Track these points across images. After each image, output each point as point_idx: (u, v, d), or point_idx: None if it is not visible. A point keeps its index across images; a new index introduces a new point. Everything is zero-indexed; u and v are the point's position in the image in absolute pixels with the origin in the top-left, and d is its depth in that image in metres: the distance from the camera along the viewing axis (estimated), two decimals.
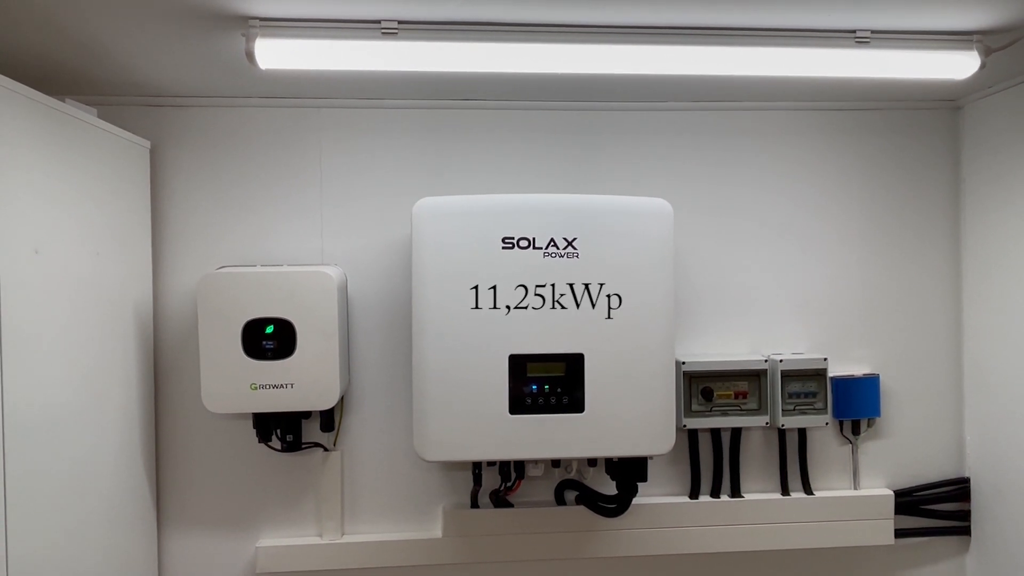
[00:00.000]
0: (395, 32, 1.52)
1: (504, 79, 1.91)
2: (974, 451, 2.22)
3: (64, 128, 1.61)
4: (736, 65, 1.69)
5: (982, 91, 2.10)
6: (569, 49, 1.59)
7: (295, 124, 2.08)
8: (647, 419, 1.81)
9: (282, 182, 2.08)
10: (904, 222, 2.23)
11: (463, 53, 1.60)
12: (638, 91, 2.07)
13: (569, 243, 1.79)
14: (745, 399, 2.09)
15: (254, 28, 1.49)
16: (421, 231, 1.77)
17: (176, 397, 2.05)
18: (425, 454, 1.79)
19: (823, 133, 2.21)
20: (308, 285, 1.83)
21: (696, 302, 2.17)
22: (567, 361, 1.79)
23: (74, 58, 1.72)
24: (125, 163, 1.89)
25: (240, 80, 1.89)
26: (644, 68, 1.68)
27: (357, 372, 2.09)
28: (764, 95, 2.13)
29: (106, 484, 1.77)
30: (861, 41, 1.63)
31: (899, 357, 2.23)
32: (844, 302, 2.22)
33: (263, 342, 1.80)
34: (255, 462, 2.07)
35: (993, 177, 2.10)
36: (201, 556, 2.07)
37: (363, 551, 2.05)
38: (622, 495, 2.06)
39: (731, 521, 2.13)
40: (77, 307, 1.65)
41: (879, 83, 2.00)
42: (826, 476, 2.22)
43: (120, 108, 1.98)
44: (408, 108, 2.09)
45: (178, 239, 2.06)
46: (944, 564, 2.27)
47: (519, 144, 2.13)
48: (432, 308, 1.76)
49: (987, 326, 2.14)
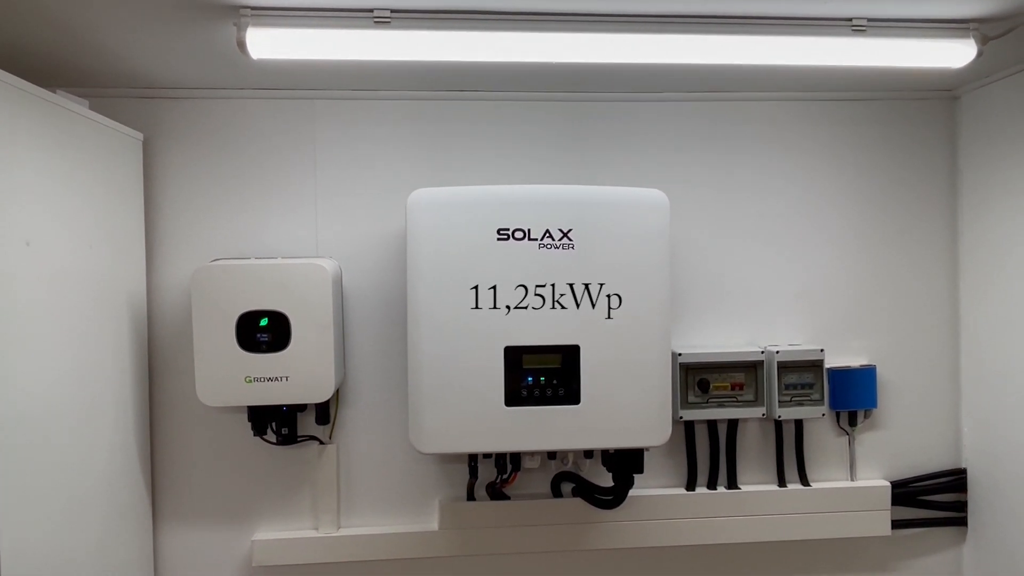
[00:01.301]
0: (388, 21, 1.50)
1: (499, 69, 1.90)
2: (971, 442, 2.22)
3: (55, 120, 1.60)
4: (732, 54, 1.68)
5: (979, 80, 2.09)
6: (564, 38, 1.58)
7: (288, 115, 2.06)
8: (643, 411, 1.81)
9: (276, 174, 2.07)
10: (901, 213, 2.23)
11: (457, 42, 1.58)
12: (634, 82, 2.06)
13: (564, 234, 1.78)
14: (741, 391, 2.09)
15: (245, 17, 1.48)
16: (416, 223, 1.76)
17: (170, 390, 2.05)
18: (421, 446, 1.78)
19: (819, 123, 2.20)
20: (302, 277, 1.82)
21: (692, 293, 2.17)
22: (563, 352, 1.78)
23: (65, 49, 1.70)
24: (117, 155, 1.88)
25: (233, 71, 1.88)
26: (640, 57, 1.67)
27: (352, 364, 2.09)
28: (760, 85, 2.12)
29: (101, 478, 1.76)
30: (857, 29, 1.62)
31: (896, 348, 2.22)
32: (841, 293, 2.21)
33: (257, 335, 1.79)
34: (250, 455, 2.06)
35: (990, 167, 2.09)
36: (197, 549, 2.07)
37: (359, 544, 2.05)
38: (618, 487, 2.05)
39: (728, 513, 2.13)
40: (70, 300, 1.63)
41: (876, 72, 1.99)
42: (823, 467, 2.21)
43: (112, 100, 1.97)
44: (403, 99, 2.08)
45: (171, 231, 2.05)
46: (940, 555, 2.27)
47: (515, 135, 2.12)
48: (427, 300, 1.75)
49: (984, 317, 2.14)
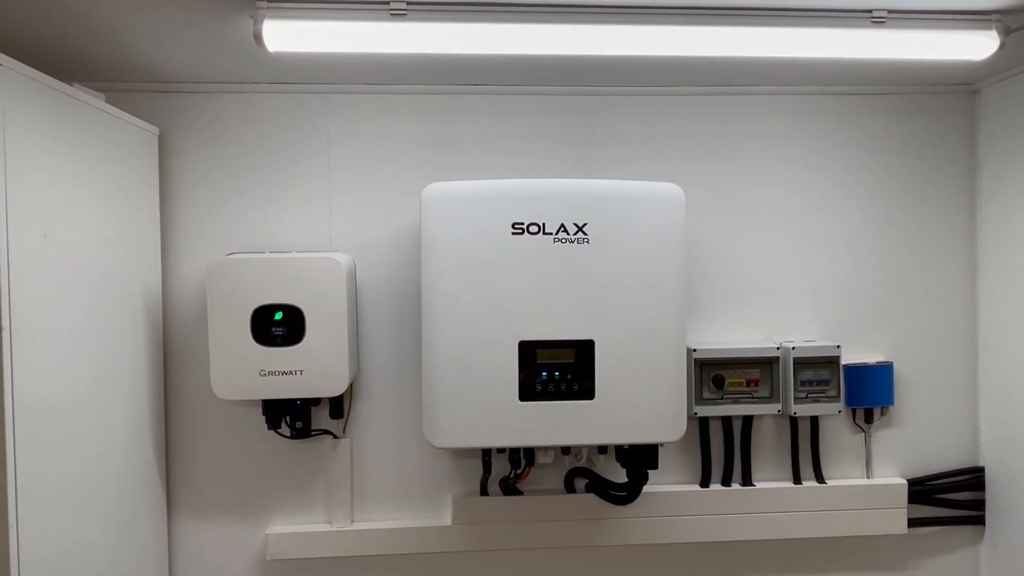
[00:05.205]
0: (404, 13, 1.50)
1: (513, 62, 1.89)
2: (988, 440, 2.19)
3: (72, 113, 1.60)
4: (748, 46, 1.67)
5: (999, 74, 2.07)
6: (579, 30, 1.57)
7: (303, 109, 2.07)
8: (658, 406, 1.80)
9: (290, 168, 2.07)
10: (918, 208, 2.20)
11: (472, 34, 1.57)
12: (648, 75, 2.04)
13: (579, 228, 1.77)
14: (757, 387, 2.08)
15: (262, 10, 1.48)
16: (430, 217, 1.75)
17: (185, 384, 2.05)
18: (434, 441, 1.78)
19: (837, 117, 2.18)
20: (317, 271, 1.82)
21: (707, 288, 2.15)
22: (577, 347, 1.78)
23: (82, 43, 1.71)
24: (133, 149, 1.89)
25: (248, 65, 1.88)
26: (657, 49, 1.66)
27: (366, 358, 2.09)
28: (777, 79, 2.10)
29: (116, 471, 1.77)
30: (877, 21, 1.60)
31: (913, 345, 2.20)
32: (857, 289, 2.19)
33: (272, 328, 1.80)
34: (264, 449, 2.07)
35: (1010, 162, 2.07)
36: (211, 543, 2.08)
37: (373, 538, 2.05)
38: (632, 483, 2.04)
39: (742, 510, 2.12)
40: (86, 293, 1.64)
41: (895, 66, 1.97)
42: (838, 465, 2.20)
43: (128, 94, 1.98)
44: (417, 93, 2.08)
45: (187, 225, 2.05)
46: (958, 553, 2.25)
47: (529, 129, 2.11)
48: (441, 294, 1.75)
49: (1003, 313, 2.12)
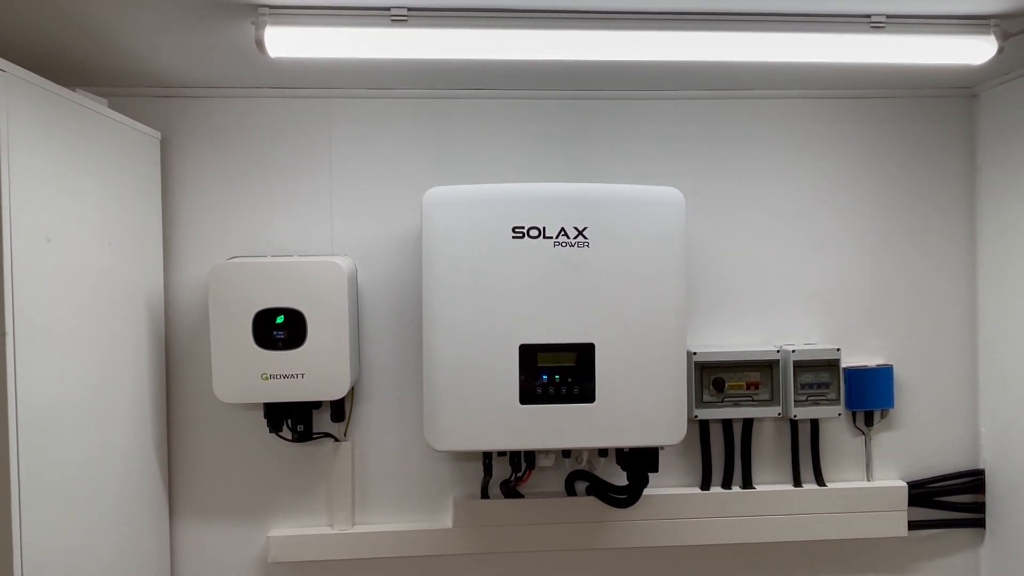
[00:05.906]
0: (404, 19, 1.51)
1: (513, 67, 1.90)
2: (989, 443, 2.20)
3: (75, 118, 1.61)
4: (749, 51, 1.68)
5: (998, 78, 2.07)
6: (579, 36, 1.58)
7: (305, 114, 2.07)
8: (658, 409, 1.81)
9: (292, 172, 2.08)
10: (919, 211, 2.21)
11: (473, 40, 1.58)
12: (649, 79, 2.05)
13: (580, 232, 1.78)
14: (757, 390, 2.08)
15: (264, 16, 1.49)
16: (431, 221, 1.76)
17: (187, 387, 2.06)
18: (435, 444, 1.79)
19: (836, 121, 2.18)
20: (318, 275, 1.83)
21: (708, 292, 2.16)
22: (578, 351, 1.78)
23: (84, 48, 1.71)
24: (136, 153, 1.89)
25: (250, 70, 1.89)
26: (656, 55, 1.67)
27: (367, 362, 2.09)
28: (777, 83, 2.11)
29: (118, 474, 1.77)
30: (876, 26, 1.61)
31: (913, 347, 2.21)
32: (857, 292, 2.20)
33: (274, 332, 1.80)
34: (266, 452, 2.08)
35: (1009, 166, 2.07)
36: (213, 545, 2.08)
37: (374, 541, 2.06)
38: (633, 486, 2.05)
39: (742, 512, 2.12)
40: (89, 297, 1.65)
41: (894, 70, 1.97)
42: (839, 467, 2.20)
43: (130, 99, 1.98)
44: (418, 98, 2.09)
45: (189, 229, 2.06)
46: (958, 556, 2.25)
47: (529, 133, 2.12)
48: (442, 298, 1.76)
49: (1003, 316, 2.12)
